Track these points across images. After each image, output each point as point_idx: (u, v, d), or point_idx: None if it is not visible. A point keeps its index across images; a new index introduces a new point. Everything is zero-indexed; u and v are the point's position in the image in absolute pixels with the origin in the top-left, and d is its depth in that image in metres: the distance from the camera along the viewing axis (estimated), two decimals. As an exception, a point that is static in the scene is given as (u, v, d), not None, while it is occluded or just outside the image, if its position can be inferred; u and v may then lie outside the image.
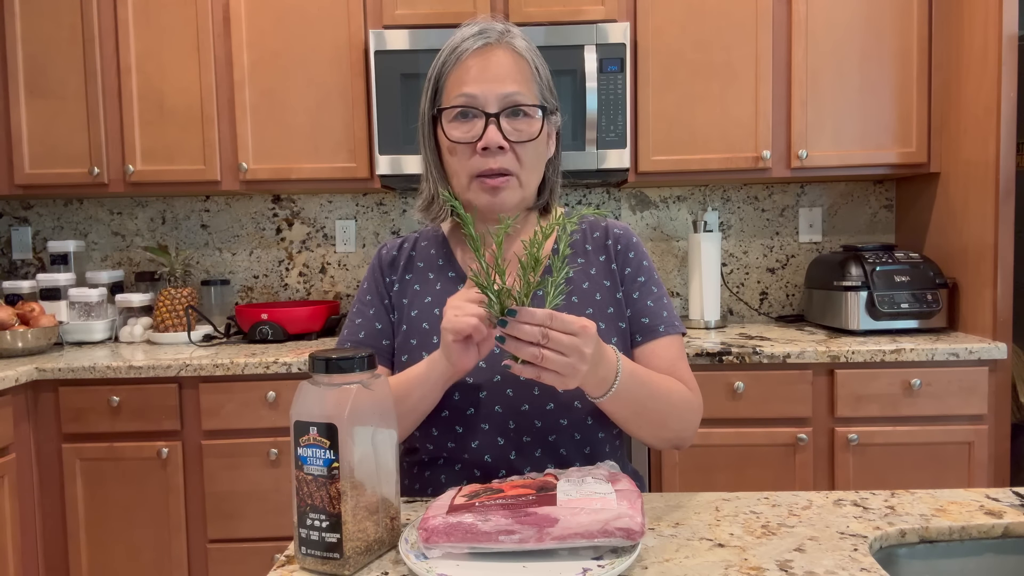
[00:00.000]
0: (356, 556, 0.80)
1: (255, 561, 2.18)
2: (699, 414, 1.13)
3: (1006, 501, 0.97)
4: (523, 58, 1.11)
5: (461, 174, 1.10)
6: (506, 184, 1.09)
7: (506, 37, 1.11)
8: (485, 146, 1.07)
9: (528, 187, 1.13)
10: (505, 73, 1.08)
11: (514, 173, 1.09)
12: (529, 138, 1.09)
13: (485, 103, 1.07)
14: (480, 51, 1.09)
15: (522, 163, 1.10)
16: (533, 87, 1.11)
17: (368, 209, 2.82)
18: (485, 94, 1.07)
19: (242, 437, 2.18)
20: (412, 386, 1.04)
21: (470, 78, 1.08)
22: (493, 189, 1.09)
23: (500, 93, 1.07)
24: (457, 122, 1.09)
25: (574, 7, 2.39)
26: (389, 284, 1.21)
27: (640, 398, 1.02)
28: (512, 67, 1.09)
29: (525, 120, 1.09)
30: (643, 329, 1.16)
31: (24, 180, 2.49)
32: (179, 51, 2.46)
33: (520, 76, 1.09)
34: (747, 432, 2.15)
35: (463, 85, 1.08)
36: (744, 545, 0.85)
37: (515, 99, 1.08)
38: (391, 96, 2.35)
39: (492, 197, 1.09)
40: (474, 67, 1.08)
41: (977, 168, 2.23)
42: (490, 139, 1.06)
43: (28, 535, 2.14)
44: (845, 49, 2.40)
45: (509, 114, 1.08)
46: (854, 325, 2.33)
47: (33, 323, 2.38)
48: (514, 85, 1.08)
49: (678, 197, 2.80)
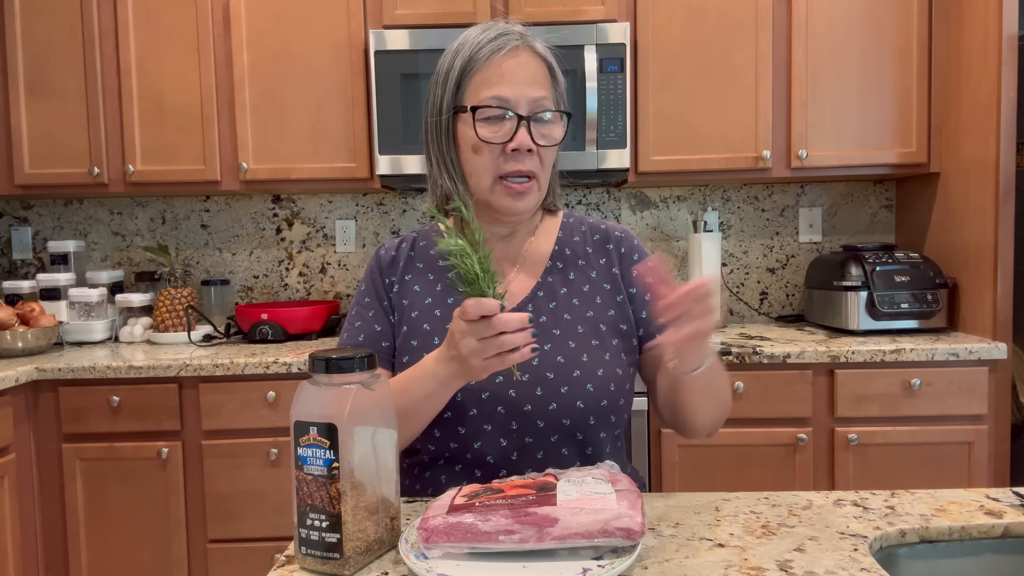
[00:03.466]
0: (356, 556, 0.80)
1: (255, 561, 2.18)
2: None
3: (1006, 501, 0.97)
4: (546, 62, 1.14)
5: (484, 174, 1.11)
6: (531, 189, 1.11)
7: (527, 39, 1.13)
8: (516, 148, 1.08)
9: (544, 190, 1.16)
10: (533, 77, 1.11)
11: (537, 176, 1.11)
12: (554, 143, 1.12)
13: (517, 105, 1.09)
14: (511, 52, 1.10)
15: (544, 166, 1.12)
16: (554, 90, 1.14)
17: (368, 209, 2.83)
18: (517, 97, 1.09)
19: (242, 437, 2.18)
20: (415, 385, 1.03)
21: (503, 80, 1.09)
22: (518, 194, 1.10)
23: (531, 97, 1.09)
24: (487, 122, 1.10)
25: (574, 7, 2.39)
26: (389, 285, 1.20)
27: (716, 375, 1.06)
28: (538, 71, 1.12)
29: (550, 125, 1.12)
30: (659, 329, 1.16)
31: (24, 180, 2.49)
32: (179, 51, 2.46)
33: (544, 80, 1.12)
34: (747, 432, 2.15)
35: (494, 86, 1.09)
36: (744, 545, 0.85)
37: (543, 104, 1.10)
38: (391, 96, 2.35)
39: (515, 201, 1.11)
40: (507, 68, 1.10)
41: (977, 168, 2.23)
42: (521, 141, 1.08)
43: (28, 535, 2.14)
44: (845, 49, 2.40)
45: (536, 118, 1.10)
46: (854, 325, 2.33)
47: (33, 323, 2.38)
48: (541, 90, 1.11)
49: (678, 197, 2.80)
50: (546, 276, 1.18)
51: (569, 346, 1.11)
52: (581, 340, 1.12)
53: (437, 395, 1.02)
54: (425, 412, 1.04)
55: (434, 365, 1.00)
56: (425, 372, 1.02)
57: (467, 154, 1.12)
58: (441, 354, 1.00)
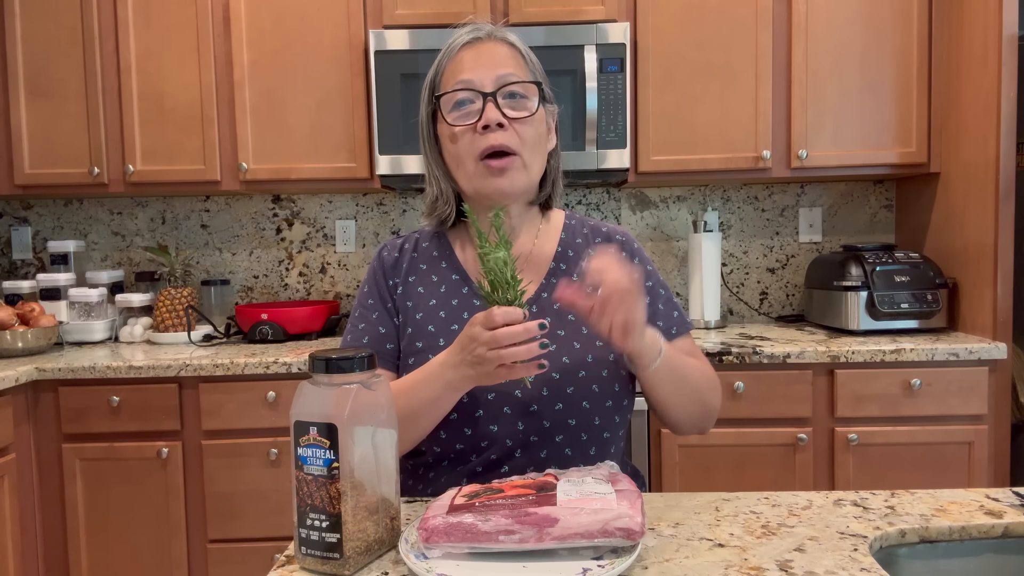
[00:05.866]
0: (356, 556, 0.80)
1: (255, 561, 2.18)
2: (720, 394, 1.19)
3: (1006, 501, 0.97)
4: (514, 47, 1.14)
5: (466, 159, 1.11)
6: (511, 164, 1.10)
7: (497, 32, 1.14)
8: (485, 124, 1.08)
9: (532, 170, 1.13)
10: (499, 60, 1.11)
11: (517, 152, 1.10)
12: (527, 114, 1.11)
13: (481, 85, 1.10)
14: (472, 43, 1.12)
15: (523, 141, 1.11)
16: (526, 71, 1.14)
17: (368, 209, 2.82)
18: (481, 78, 1.10)
19: (242, 437, 2.18)
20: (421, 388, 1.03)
21: (465, 67, 1.11)
22: (500, 170, 1.09)
23: (495, 75, 1.10)
24: (455, 110, 1.11)
25: (574, 7, 2.39)
26: (392, 287, 1.20)
27: (680, 371, 1.08)
28: (505, 54, 1.12)
29: (522, 100, 1.12)
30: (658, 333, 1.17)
31: (24, 180, 2.49)
32: (179, 51, 2.46)
33: (513, 62, 1.13)
34: (747, 432, 2.15)
35: (458, 74, 1.11)
36: (744, 545, 0.85)
37: (509, 78, 1.10)
38: (391, 96, 2.35)
39: (500, 178, 1.10)
40: (467, 57, 1.11)
41: (977, 168, 2.23)
42: (489, 116, 1.08)
43: (28, 535, 2.14)
44: (845, 49, 2.40)
45: (506, 95, 1.10)
46: (854, 325, 2.33)
47: (33, 323, 2.38)
48: (508, 68, 1.11)
49: (678, 197, 2.80)
50: (550, 277, 1.18)
51: (574, 347, 1.11)
52: (586, 341, 1.12)
53: (444, 398, 1.02)
54: (431, 415, 1.04)
55: (441, 369, 1.00)
56: (432, 376, 1.02)
57: (449, 148, 1.13)
58: (449, 358, 0.99)
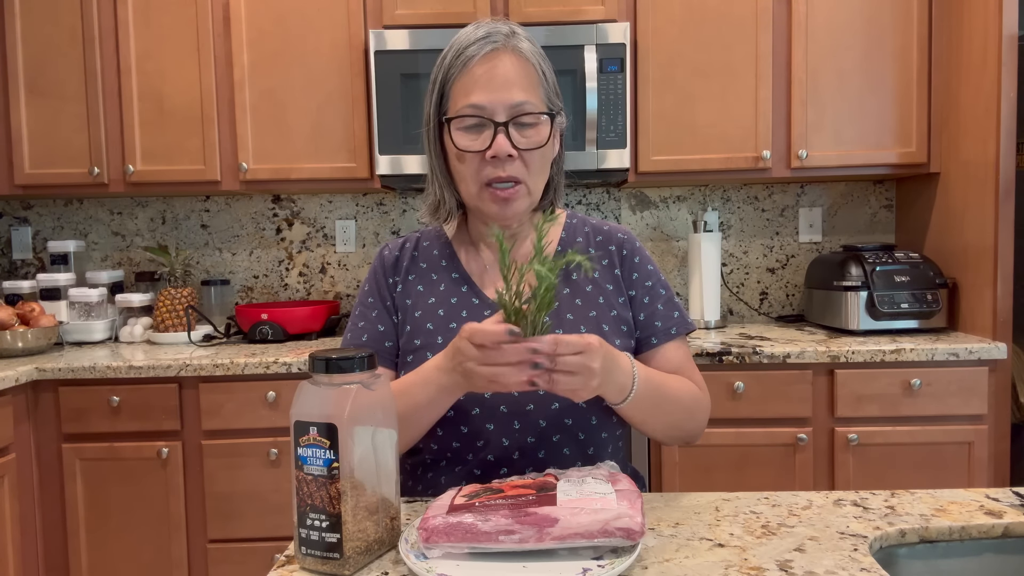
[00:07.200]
0: (356, 556, 0.80)
1: (255, 561, 2.18)
2: (708, 412, 1.19)
3: (1006, 501, 0.97)
4: (529, 62, 1.11)
5: (470, 182, 1.11)
6: (516, 194, 1.10)
7: (512, 40, 1.10)
8: (495, 155, 1.07)
9: (535, 192, 1.14)
10: (512, 80, 1.08)
11: (523, 181, 1.10)
12: (537, 145, 1.10)
13: (493, 112, 1.07)
14: (487, 57, 1.08)
15: (530, 170, 1.10)
16: (539, 92, 1.11)
17: (368, 209, 2.82)
18: (493, 104, 1.07)
19: (242, 437, 2.18)
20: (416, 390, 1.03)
21: (478, 87, 1.08)
22: (504, 200, 1.10)
23: (508, 103, 1.07)
24: (465, 132, 1.09)
25: (574, 7, 2.39)
26: (392, 285, 1.20)
27: (656, 401, 1.07)
28: (519, 73, 1.09)
29: (533, 128, 1.10)
30: (656, 332, 1.18)
31: (24, 180, 2.49)
32: (179, 51, 2.46)
33: (527, 82, 1.09)
34: (747, 432, 2.15)
35: (470, 95, 1.08)
36: (744, 545, 0.85)
37: (523, 108, 1.08)
38: (391, 96, 2.35)
39: (502, 208, 1.10)
40: (481, 75, 1.08)
41: (977, 168, 2.23)
42: (499, 148, 1.07)
43: (28, 535, 2.14)
44: (845, 49, 2.40)
45: (517, 123, 1.08)
46: (854, 325, 2.33)
47: (33, 323, 2.38)
48: (522, 93, 1.08)
49: (678, 197, 2.80)
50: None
51: None
52: None
53: (438, 401, 1.02)
54: (427, 417, 1.05)
55: (436, 373, 1.00)
56: (427, 379, 1.02)
57: (453, 162, 1.13)
58: (443, 364, 0.99)
